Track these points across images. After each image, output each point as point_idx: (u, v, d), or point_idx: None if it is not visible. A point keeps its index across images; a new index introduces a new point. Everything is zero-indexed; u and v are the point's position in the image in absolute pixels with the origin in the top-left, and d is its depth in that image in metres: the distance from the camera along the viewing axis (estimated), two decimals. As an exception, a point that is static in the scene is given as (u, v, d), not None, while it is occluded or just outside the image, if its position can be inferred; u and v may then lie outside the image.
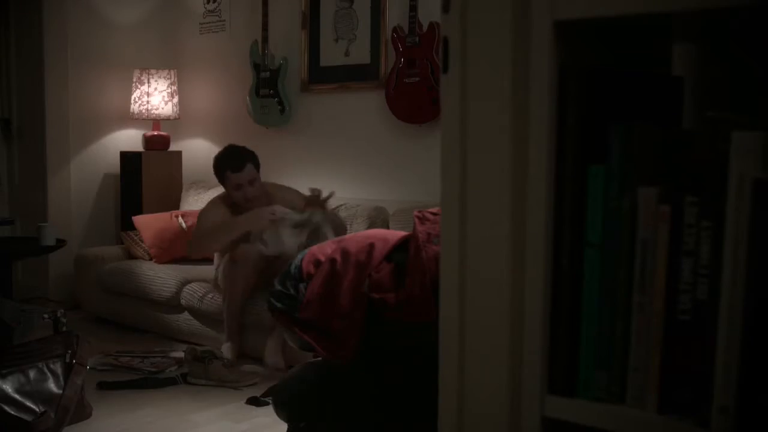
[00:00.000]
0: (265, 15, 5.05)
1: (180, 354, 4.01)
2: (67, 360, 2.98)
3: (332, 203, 4.69)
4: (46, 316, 3.26)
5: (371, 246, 2.12)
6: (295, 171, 5.12)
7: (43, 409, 2.86)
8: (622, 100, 0.93)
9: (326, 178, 4.96)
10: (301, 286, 2.10)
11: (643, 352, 0.86)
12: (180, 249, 4.81)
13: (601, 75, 0.92)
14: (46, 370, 2.93)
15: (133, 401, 3.49)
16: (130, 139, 5.64)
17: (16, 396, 2.84)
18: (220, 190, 4.47)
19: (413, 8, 4.37)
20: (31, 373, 2.89)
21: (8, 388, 2.83)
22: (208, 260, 4.66)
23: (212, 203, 4.33)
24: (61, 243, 4.42)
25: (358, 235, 2.28)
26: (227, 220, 4.12)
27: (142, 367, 3.92)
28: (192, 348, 3.85)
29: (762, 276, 0.77)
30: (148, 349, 4.21)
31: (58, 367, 2.95)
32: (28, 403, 2.85)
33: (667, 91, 1.01)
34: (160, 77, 5.37)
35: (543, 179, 0.91)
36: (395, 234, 2.22)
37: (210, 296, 4.25)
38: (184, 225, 4.89)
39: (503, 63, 0.94)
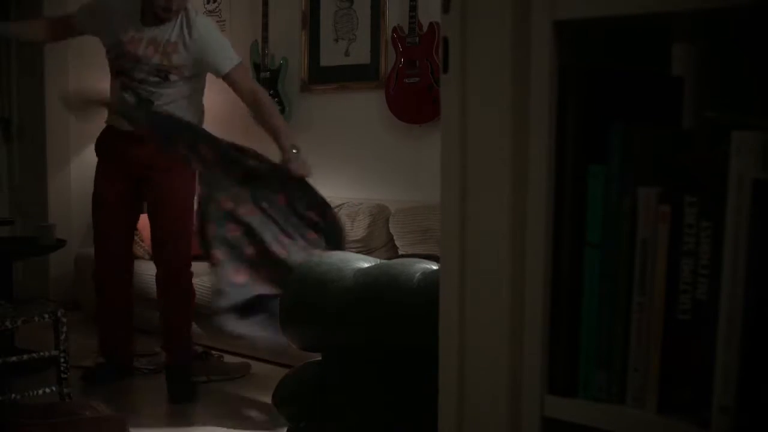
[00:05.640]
0: (265, 15, 5.05)
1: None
2: None
3: (332, 202, 4.68)
4: (46, 316, 3.25)
5: None
6: (295, 171, 5.11)
7: None
8: (622, 100, 0.93)
9: (326, 178, 4.95)
10: None
11: (643, 352, 0.86)
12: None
13: (601, 75, 0.92)
14: None
15: (132, 401, 3.49)
16: (130, 139, 5.63)
17: None
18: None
19: (413, 8, 4.36)
20: None
21: None
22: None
23: None
24: (61, 243, 4.42)
25: None
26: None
27: (141, 366, 3.93)
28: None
29: (762, 276, 0.77)
30: (148, 349, 4.21)
31: None
32: None
33: (667, 91, 1.01)
34: (160, 77, 5.37)
35: (543, 179, 0.91)
36: None
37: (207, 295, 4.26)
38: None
39: (503, 63, 0.94)
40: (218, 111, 5.61)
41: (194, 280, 3.71)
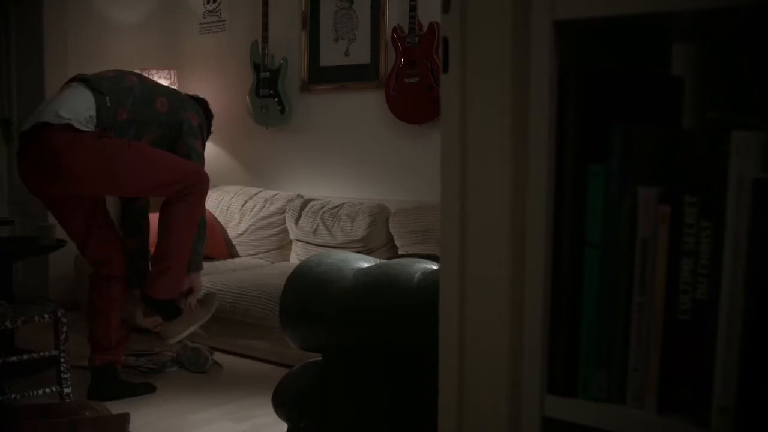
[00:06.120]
0: (265, 15, 5.05)
1: (174, 352, 4.08)
2: None
3: (332, 202, 4.69)
4: (46, 316, 3.25)
5: None
6: (295, 171, 5.12)
7: None
8: (622, 100, 0.93)
9: (326, 179, 4.96)
10: None
11: (643, 352, 0.86)
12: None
13: (601, 75, 0.92)
14: None
15: (132, 402, 3.49)
16: (130, 139, 5.64)
17: None
18: (219, 192, 4.42)
19: (413, 8, 4.37)
20: None
21: None
22: (208, 258, 4.65)
23: None
24: (61, 243, 4.42)
25: None
26: None
27: (141, 365, 3.93)
28: (184, 344, 3.99)
29: (762, 276, 0.77)
30: (148, 349, 4.21)
31: None
32: None
33: (667, 91, 1.01)
34: (159, 77, 5.36)
35: (543, 179, 0.91)
36: None
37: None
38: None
39: (503, 63, 0.94)
40: (217, 112, 5.62)
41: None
